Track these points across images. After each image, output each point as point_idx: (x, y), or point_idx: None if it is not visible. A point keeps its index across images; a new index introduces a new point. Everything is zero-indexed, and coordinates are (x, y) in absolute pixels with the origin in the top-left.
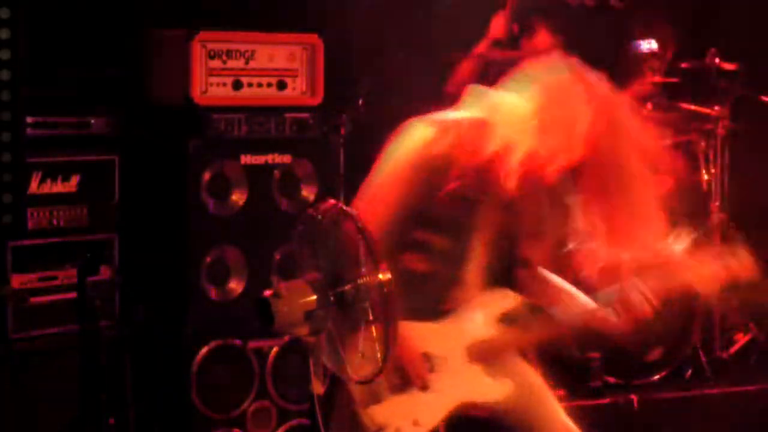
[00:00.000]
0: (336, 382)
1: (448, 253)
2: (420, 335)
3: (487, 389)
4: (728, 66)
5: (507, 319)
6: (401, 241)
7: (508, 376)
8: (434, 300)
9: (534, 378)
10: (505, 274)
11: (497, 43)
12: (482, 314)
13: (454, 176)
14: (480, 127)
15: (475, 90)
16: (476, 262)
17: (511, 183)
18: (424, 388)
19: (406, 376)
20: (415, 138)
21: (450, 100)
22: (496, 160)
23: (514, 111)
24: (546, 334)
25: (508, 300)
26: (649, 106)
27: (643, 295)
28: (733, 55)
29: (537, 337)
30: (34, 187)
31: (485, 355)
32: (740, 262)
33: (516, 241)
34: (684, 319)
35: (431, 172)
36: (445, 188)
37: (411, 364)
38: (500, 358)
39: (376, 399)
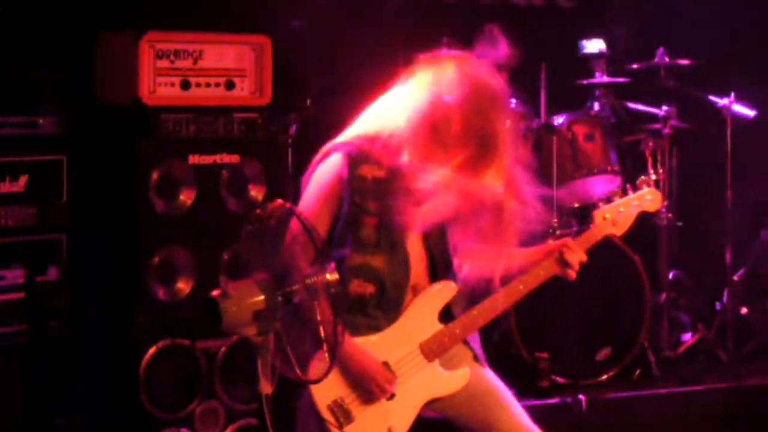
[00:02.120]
0: (301, 412)
1: (389, 268)
2: (377, 346)
3: (449, 382)
4: (676, 66)
5: (451, 309)
6: (343, 269)
7: (464, 363)
8: (387, 312)
9: (486, 373)
10: (446, 264)
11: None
12: (428, 310)
13: (371, 194)
14: (380, 141)
15: (377, 102)
16: (417, 265)
17: (420, 183)
18: (391, 396)
19: (372, 386)
20: (330, 167)
21: None
22: (403, 166)
23: (403, 120)
24: (489, 315)
25: (449, 290)
26: (597, 106)
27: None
28: (682, 55)
29: (482, 319)
30: None
31: (439, 350)
32: (648, 198)
33: (445, 231)
34: (632, 320)
35: (350, 197)
36: (366, 208)
37: (375, 374)
38: (452, 348)
39: (348, 418)
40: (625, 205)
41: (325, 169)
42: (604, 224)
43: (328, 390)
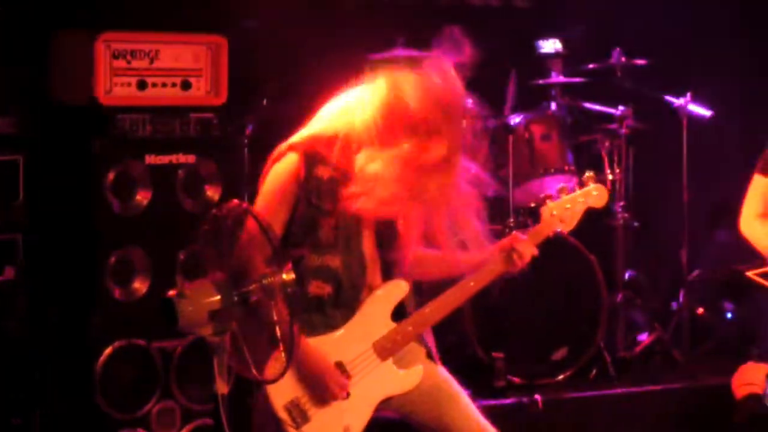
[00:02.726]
0: (257, 411)
1: (345, 268)
2: (331, 346)
3: (403, 380)
4: (633, 66)
5: (404, 308)
6: (301, 271)
7: (417, 361)
8: (344, 311)
9: (439, 370)
10: (398, 263)
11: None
12: (381, 309)
13: (327, 194)
14: (335, 141)
15: (332, 103)
16: (372, 265)
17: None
18: (347, 395)
19: (327, 391)
20: (286, 167)
21: None
22: (353, 165)
23: (358, 120)
24: (442, 312)
25: (401, 289)
26: (554, 106)
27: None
28: (638, 55)
29: (435, 317)
30: None
31: (392, 348)
32: (594, 194)
33: (395, 227)
34: (588, 320)
35: (307, 197)
36: (323, 208)
37: (329, 379)
38: (406, 347)
39: (305, 418)
40: (571, 202)
41: (282, 169)
42: (551, 220)
43: (284, 390)
